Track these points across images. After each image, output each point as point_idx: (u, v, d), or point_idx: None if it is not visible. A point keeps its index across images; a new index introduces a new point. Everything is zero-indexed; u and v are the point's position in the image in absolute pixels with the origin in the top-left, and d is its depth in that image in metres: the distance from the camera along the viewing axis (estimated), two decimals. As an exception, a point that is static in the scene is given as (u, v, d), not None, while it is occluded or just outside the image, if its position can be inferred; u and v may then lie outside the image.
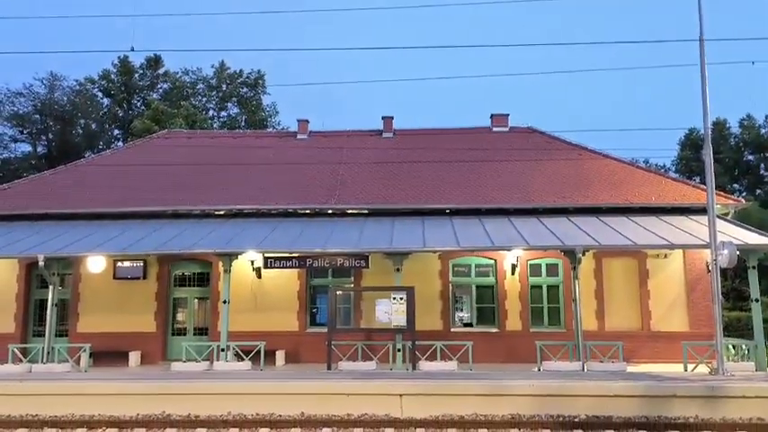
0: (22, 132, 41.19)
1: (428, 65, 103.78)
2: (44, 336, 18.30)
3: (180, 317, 20.84)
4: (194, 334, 20.51)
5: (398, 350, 17.16)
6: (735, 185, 44.44)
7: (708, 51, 15.59)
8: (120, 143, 42.79)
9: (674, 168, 46.61)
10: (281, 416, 12.50)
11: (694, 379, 13.91)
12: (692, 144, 45.03)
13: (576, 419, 11.92)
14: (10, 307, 20.42)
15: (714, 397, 12.45)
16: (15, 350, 17.96)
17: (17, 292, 20.54)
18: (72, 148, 40.77)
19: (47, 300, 18.70)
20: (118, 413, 12.76)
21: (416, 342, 16.99)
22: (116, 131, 45.59)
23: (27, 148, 41.96)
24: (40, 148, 42.13)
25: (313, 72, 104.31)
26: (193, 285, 20.84)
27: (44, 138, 42.01)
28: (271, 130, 43.00)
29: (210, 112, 45.87)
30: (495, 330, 19.69)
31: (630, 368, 16.60)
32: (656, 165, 46.75)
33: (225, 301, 17.89)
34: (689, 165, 44.57)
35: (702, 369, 15.86)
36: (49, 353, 17.71)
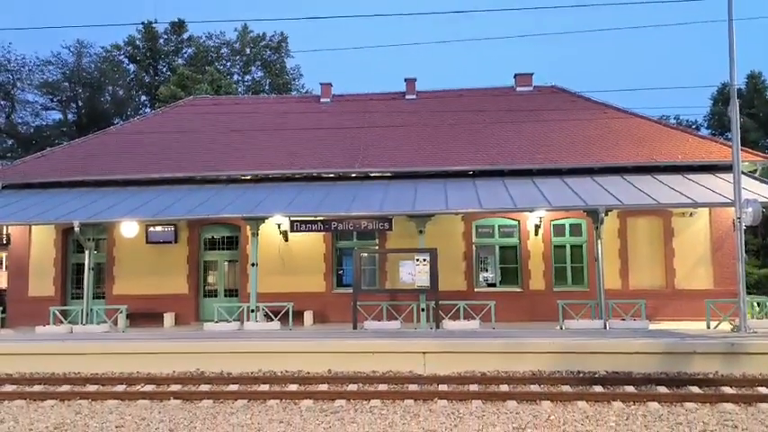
0: (52, 100, 41.91)
1: (452, 26, 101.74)
2: (82, 298, 19.14)
3: (211, 279, 21.49)
4: (225, 295, 21.17)
5: (422, 310, 17.55)
6: (768, 141, 43.27)
7: (741, 5, 15.18)
8: (148, 109, 43.33)
9: (705, 124, 45.51)
10: (309, 373, 13.01)
11: (716, 336, 14.01)
12: (724, 99, 43.64)
13: (595, 375, 12.16)
14: (49, 271, 21.26)
15: (734, 353, 12.56)
16: (56, 312, 18.81)
17: (55, 257, 21.34)
18: (101, 115, 41.44)
19: (83, 264, 19.51)
20: (154, 371, 13.41)
21: (440, 302, 17.34)
22: (143, 98, 46.11)
23: (58, 115, 42.79)
24: (70, 116, 42.88)
25: (336, 34, 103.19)
26: (223, 249, 21.41)
27: (74, 105, 42.70)
28: (294, 93, 43.06)
29: (235, 77, 45.97)
30: (518, 290, 19.92)
31: (653, 326, 16.73)
32: (686, 121, 45.72)
33: (253, 264, 18.39)
34: (721, 120, 43.41)
35: (725, 326, 15.92)
36: (87, 314, 18.53)
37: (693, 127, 43.59)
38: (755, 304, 17.52)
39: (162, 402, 10.91)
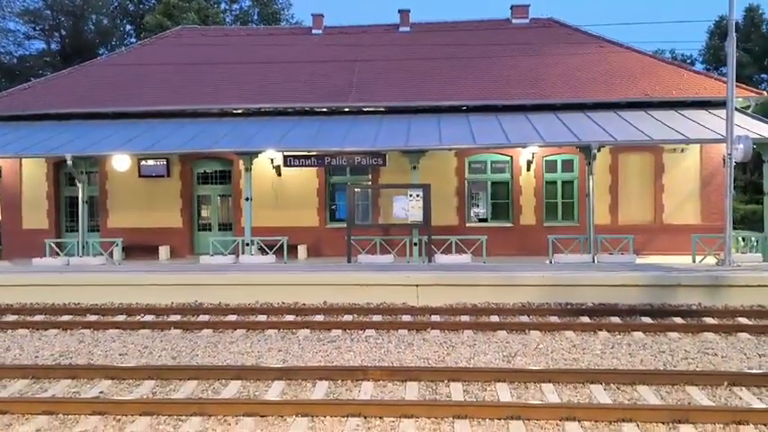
0: (34, 29, 40.71)
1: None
2: (76, 231, 19.28)
3: (204, 213, 21.60)
4: (219, 229, 21.35)
5: (415, 244, 17.83)
6: (763, 76, 43.02)
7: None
8: (133, 39, 42.21)
9: (701, 59, 45.09)
10: (305, 304, 13.36)
11: (700, 269, 14.42)
12: (721, 33, 43.16)
13: (582, 307, 12.57)
14: (42, 204, 21.28)
15: (717, 286, 12.98)
16: (52, 244, 18.95)
17: (47, 190, 21.31)
18: (85, 45, 40.38)
19: (75, 197, 19.57)
20: (153, 302, 13.70)
21: (432, 236, 17.61)
22: (128, 27, 44.83)
23: (41, 45, 41.66)
24: (53, 45, 41.75)
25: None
26: (216, 183, 21.42)
27: (57, 34, 41.50)
28: (284, 24, 41.99)
29: (222, 5, 44.60)
30: (509, 225, 20.21)
31: (640, 260, 17.15)
32: (682, 55, 45.25)
33: (247, 199, 18.46)
34: (716, 55, 43.01)
35: (710, 260, 16.35)
36: (83, 247, 18.69)
37: (688, 62, 43.21)
38: (740, 239, 17.94)
39: (163, 332, 11.20)
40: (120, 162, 19.33)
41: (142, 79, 22.45)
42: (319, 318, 12.09)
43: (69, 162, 17.85)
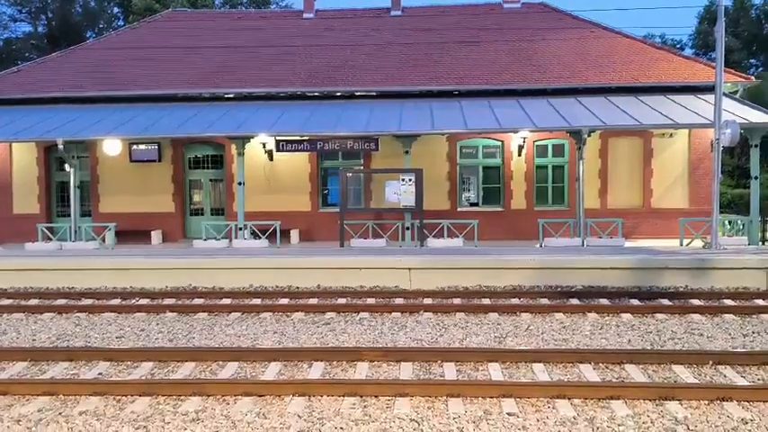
0: (20, 11, 40.25)
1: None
2: (67, 216, 19.25)
3: (196, 198, 21.60)
4: (211, 214, 21.37)
5: (407, 228, 17.96)
6: (751, 61, 43.26)
7: None
8: (121, 22, 41.80)
9: (690, 44, 45.26)
10: (298, 288, 13.50)
11: (687, 252, 14.68)
12: (711, 18, 43.29)
13: (572, 289, 12.80)
14: (33, 189, 21.18)
15: (704, 269, 13.25)
16: (44, 229, 18.93)
17: (38, 175, 21.20)
18: (73, 28, 39.98)
19: (66, 182, 19.51)
20: (147, 286, 13.79)
21: (424, 221, 17.74)
22: (116, 10, 44.35)
23: (27, 27, 41.24)
24: (40, 28, 41.33)
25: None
26: (208, 167, 21.40)
27: (44, 17, 41.05)
28: (274, 7, 41.69)
29: (211, -12, 44.15)
30: (500, 209, 20.37)
31: (629, 243, 17.39)
32: (672, 40, 45.38)
33: (240, 183, 18.48)
34: (706, 39, 43.17)
35: (697, 244, 16.62)
36: (76, 232, 18.67)
37: (678, 47, 43.34)
38: (727, 222, 18.23)
39: (158, 315, 11.31)
40: (112, 147, 19.28)
41: (132, 63, 22.30)
42: (313, 301, 12.22)
43: (60, 147, 17.80)
